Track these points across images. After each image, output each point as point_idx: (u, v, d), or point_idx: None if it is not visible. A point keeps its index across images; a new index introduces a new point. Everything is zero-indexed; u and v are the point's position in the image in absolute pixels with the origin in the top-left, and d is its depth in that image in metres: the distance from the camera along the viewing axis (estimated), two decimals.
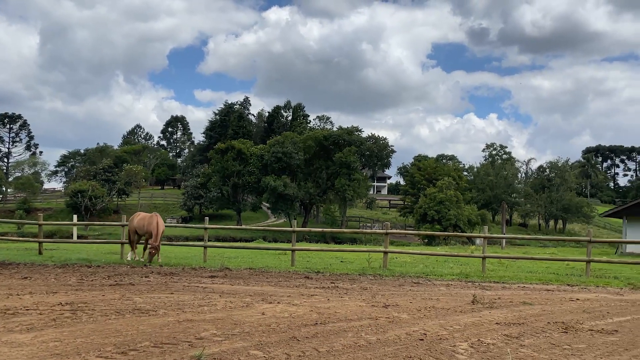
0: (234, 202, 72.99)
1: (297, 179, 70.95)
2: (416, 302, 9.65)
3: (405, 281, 13.68)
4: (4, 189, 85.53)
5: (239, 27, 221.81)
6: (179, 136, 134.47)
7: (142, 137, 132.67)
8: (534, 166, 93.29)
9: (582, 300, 10.73)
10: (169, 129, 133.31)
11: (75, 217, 35.63)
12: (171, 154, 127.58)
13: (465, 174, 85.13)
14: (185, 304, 8.47)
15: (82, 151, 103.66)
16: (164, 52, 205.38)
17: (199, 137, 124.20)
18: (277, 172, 68.25)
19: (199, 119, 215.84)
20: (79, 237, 39.61)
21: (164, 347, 5.72)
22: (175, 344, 5.85)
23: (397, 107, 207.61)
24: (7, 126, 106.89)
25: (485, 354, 5.96)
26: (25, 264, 15.20)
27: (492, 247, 43.28)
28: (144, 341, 5.94)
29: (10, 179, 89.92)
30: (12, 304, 8.02)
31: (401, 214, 76.30)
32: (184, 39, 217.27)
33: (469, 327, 7.34)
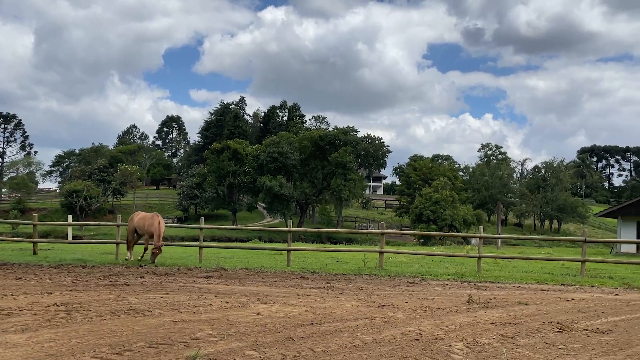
0: (229, 202, 72.91)
1: (293, 179, 70.94)
2: (412, 302, 9.65)
3: (401, 281, 13.69)
4: None
5: (234, 27, 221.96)
6: (174, 136, 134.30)
7: (138, 137, 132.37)
8: (529, 166, 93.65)
9: (577, 300, 10.76)
10: (165, 129, 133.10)
11: (70, 217, 35.61)
12: (166, 154, 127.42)
13: (460, 174, 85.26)
14: (180, 304, 8.45)
15: (77, 151, 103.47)
16: (160, 51, 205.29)
17: (194, 137, 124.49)
18: (273, 172, 68.21)
19: (195, 119, 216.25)
20: (73, 237, 39.54)
21: (160, 348, 5.70)
22: (170, 345, 5.84)
23: (393, 107, 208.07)
24: (2, 126, 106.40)
25: (480, 353, 5.97)
26: (19, 264, 15.14)
27: (487, 247, 43.39)
28: (139, 341, 5.92)
29: (4, 179, 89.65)
30: (6, 304, 7.99)
31: (397, 214, 76.38)
32: (180, 38, 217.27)
33: (465, 327, 7.35)
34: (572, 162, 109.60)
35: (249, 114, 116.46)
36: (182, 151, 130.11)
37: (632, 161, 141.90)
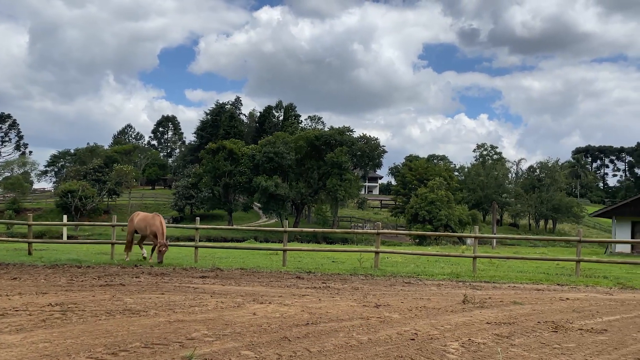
0: (225, 202, 72.82)
1: (289, 179, 70.91)
2: (407, 301, 9.67)
3: (396, 281, 13.71)
4: None
5: (230, 26, 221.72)
6: (169, 136, 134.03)
7: (133, 137, 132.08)
8: (524, 166, 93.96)
9: (572, 299, 10.80)
10: (160, 129, 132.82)
11: (65, 217, 35.45)
12: (162, 154, 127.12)
13: (456, 174, 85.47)
14: (176, 305, 8.44)
15: (72, 151, 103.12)
16: (155, 51, 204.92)
17: (190, 137, 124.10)
18: (269, 172, 68.16)
19: (190, 119, 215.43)
20: (68, 237, 39.37)
21: (155, 348, 5.69)
22: (166, 345, 5.83)
23: (389, 108, 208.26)
24: None
25: (476, 353, 5.98)
26: (14, 264, 15.09)
27: (482, 247, 43.47)
28: (134, 342, 5.92)
29: None
30: (1, 304, 7.96)
31: (392, 214, 76.46)
32: (175, 38, 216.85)
33: (460, 327, 7.37)
34: (567, 162, 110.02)
35: (244, 114, 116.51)
36: (177, 151, 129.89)
37: (626, 161, 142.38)
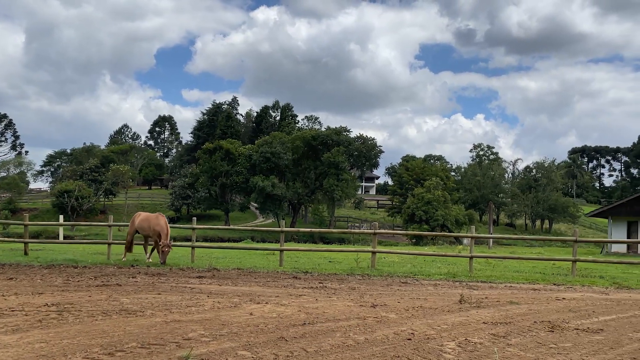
0: (222, 202, 72.76)
1: (286, 179, 70.90)
2: (404, 301, 9.67)
3: (393, 281, 13.72)
4: None
5: (226, 26, 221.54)
6: (166, 136, 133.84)
7: (129, 136, 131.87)
8: (520, 166, 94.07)
9: (568, 299, 10.82)
10: (157, 129, 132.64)
11: (61, 217, 35.41)
12: (159, 154, 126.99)
13: (452, 174, 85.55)
14: (172, 305, 8.43)
15: (68, 151, 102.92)
16: (151, 51, 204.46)
17: (186, 137, 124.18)
18: (266, 172, 68.14)
19: (187, 119, 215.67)
20: (65, 237, 39.29)
21: (151, 348, 5.69)
22: (162, 345, 5.82)
23: (385, 108, 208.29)
24: None
25: (472, 353, 5.99)
26: (10, 264, 15.05)
27: (479, 247, 43.55)
28: (131, 342, 5.91)
29: None
30: None
31: (389, 214, 76.49)
32: (172, 38, 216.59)
33: (457, 327, 7.38)
34: (563, 163, 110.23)
35: (241, 114, 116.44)
36: (174, 151, 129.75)
37: (622, 161, 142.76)
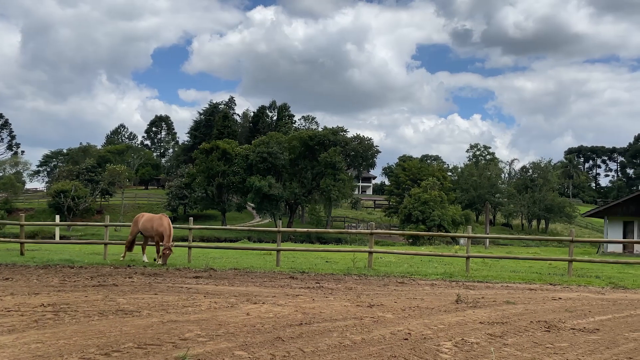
0: (218, 202, 72.67)
1: (282, 179, 70.86)
2: (401, 301, 9.68)
3: (390, 281, 13.72)
4: None
5: (223, 26, 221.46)
6: (163, 136, 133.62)
7: (126, 136, 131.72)
8: (517, 167, 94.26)
9: (565, 299, 10.84)
10: (153, 129, 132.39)
11: (57, 217, 35.22)
12: (155, 154, 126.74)
13: (449, 174, 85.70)
14: (169, 305, 8.41)
15: (64, 151, 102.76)
16: (148, 51, 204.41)
17: (183, 137, 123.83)
18: (262, 173, 68.09)
19: (184, 119, 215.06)
20: (61, 237, 39.14)
21: (148, 348, 5.68)
22: (159, 345, 5.81)
23: (382, 108, 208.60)
24: None
25: (469, 353, 6.00)
26: (6, 264, 15.00)
27: (475, 246, 43.57)
28: (127, 342, 5.89)
29: None
30: None
31: (386, 214, 76.56)
32: (168, 38, 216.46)
33: (453, 327, 7.39)
34: (560, 163, 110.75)
35: (238, 114, 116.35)
36: (171, 151, 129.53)
37: (618, 162, 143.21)
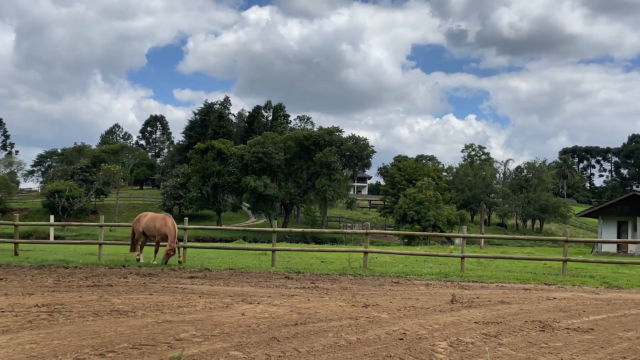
0: (213, 202, 72.56)
1: (278, 179, 70.82)
2: (396, 301, 9.69)
3: (385, 281, 13.73)
4: None
5: (218, 26, 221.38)
6: (158, 136, 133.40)
7: (121, 136, 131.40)
8: (511, 167, 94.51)
9: (559, 299, 10.87)
10: (148, 129, 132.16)
11: (52, 217, 35.11)
12: (150, 154, 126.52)
13: (444, 174, 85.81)
14: (164, 305, 8.40)
15: (59, 151, 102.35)
16: (143, 51, 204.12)
17: (178, 136, 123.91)
18: (258, 173, 68.03)
19: (179, 119, 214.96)
20: (55, 237, 39.03)
21: (143, 349, 5.66)
22: (154, 345, 5.80)
23: (377, 108, 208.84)
24: None
25: (464, 352, 6.01)
26: (0, 265, 14.94)
27: (470, 246, 43.69)
28: (122, 343, 5.88)
29: None
30: None
31: (381, 214, 76.60)
32: (163, 38, 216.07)
33: (448, 326, 7.40)
34: (554, 163, 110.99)
35: (233, 114, 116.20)
36: (165, 151, 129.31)
37: (612, 162, 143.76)
